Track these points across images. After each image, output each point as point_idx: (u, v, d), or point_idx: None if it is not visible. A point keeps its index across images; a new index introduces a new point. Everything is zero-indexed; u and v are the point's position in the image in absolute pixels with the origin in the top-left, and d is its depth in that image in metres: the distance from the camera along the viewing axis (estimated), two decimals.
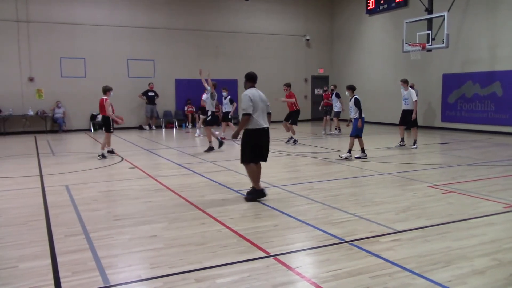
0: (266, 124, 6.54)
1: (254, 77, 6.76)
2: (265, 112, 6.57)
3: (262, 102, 6.52)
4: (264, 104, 6.54)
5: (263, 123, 6.48)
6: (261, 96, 6.57)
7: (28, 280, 3.81)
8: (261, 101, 6.50)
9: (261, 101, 6.50)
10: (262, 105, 6.49)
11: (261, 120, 6.46)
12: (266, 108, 6.61)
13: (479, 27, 15.99)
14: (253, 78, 6.75)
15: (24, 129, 17.65)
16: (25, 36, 17.45)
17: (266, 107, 6.62)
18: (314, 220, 5.45)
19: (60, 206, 6.31)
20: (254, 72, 6.84)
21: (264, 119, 6.51)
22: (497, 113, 15.63)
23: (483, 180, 7.91)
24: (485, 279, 3.75)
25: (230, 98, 15.07)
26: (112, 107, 11.05)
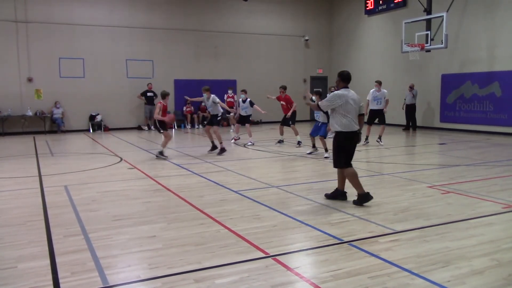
0: (357, 126, 6.27)
1: (347, 77, 6.37)
2: (357, 114, 6.26)
3: (354, 103, 6.19)
4: (356, 106, 6.22)
5: (355, 126, 6.23)
6: (353, 98, 6.23)
7: (27, 280, 3.81)
8: (353, 102, 6.18)
9: (353, 102, 6.18)
10: (352, 107, 6.17)
11: (354, 122, 6.20)
12: (358, 110, 6.29)
13: (477, 27, 16.01)
14: (346, 78, 6.36)
15: (23, 129, 17.63)
16: (23, 37, 17.44)
17: (359, 109, 6.30)
18: (313, 221, 5.45)
19: (59, 206, 6.31)
20: (347, 71, 6.47)
21: (356, 122, 6.23)
22: (495, 114, 15.65)
23: (482, 180, 7.92)
24: (484, 279, 3.75)
25: (250, 101, 14.23)
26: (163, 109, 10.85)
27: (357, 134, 6.26)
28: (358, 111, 6.26)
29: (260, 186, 7.55)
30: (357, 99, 6.27)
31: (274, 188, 7.39)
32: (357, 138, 6.29)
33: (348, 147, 6.25)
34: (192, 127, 20.04)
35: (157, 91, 19.25)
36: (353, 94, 6.27)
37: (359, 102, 6.27)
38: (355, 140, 6.27)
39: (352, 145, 6.28)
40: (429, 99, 18.14)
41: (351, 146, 6.27)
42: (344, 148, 6.23)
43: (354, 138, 6.25)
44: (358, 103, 6.26)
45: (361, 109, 6.34)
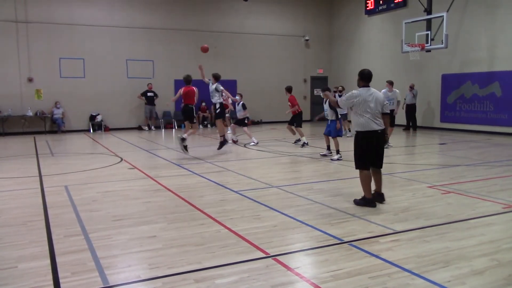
0: (379, 126, 6.01)
1: (367, 76, 6.15)
2: (379, 113, 6.03)
3: (375, 103, 5.97)
4: (378, 105, 6.00)
5: (375, 126, 5.97)
6: (374, 96, 6.01)
7: (28, 280, 3.81)
8: (374, 102, 5.96)
9: (374, 102, 5.96)
10: (373, 106, 5.95)
11: (372, 122, 5.96)
12: (381, 109, 6.06)
13: (478, 27, 16.01)
14: (365, 76, 6.14)
15: (23, 129, 17.64)
16: (24, 37, 17.45)
17: (382, 108, 6.07)
18: (313, 221, 5.45)
19: (59, 206, 6.31)
20: (368, 70, 6.21)
21: (376, 121, 5.98)
22: (496, 114, 15.65)
23: (482, 180, 7.92)
24: (484, 279, 3.75)
25: (243, 104, 14.19)
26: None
27: (377, 133, 6.00)
28: (381, 110, 6.04)
29: (261, 186, 7.55)
30: (380, 97, 6.05)
31: (275, 188, 7.39)
32: (378, 138, 6.02)
33: (365, 147, 6.06)
34: None
35: (157, 91, 19.30)
36: (374, 92, 6.06)
37: (382, 101, 6.07)
38: (375, 140, 6.01)
39: (371, 146, 6.04)
40: (430, 99, 18.14)
41: (369, 146, 6.04)
42: (361, 148, 6.08)
43: (374, 138, 6.00)
44: (382, 102, 6.05)
45: (385, 108, 6.12)
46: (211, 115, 20.48)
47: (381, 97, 6.08)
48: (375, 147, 6.05)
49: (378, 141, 6.04)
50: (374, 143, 6.03)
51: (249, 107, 18.75)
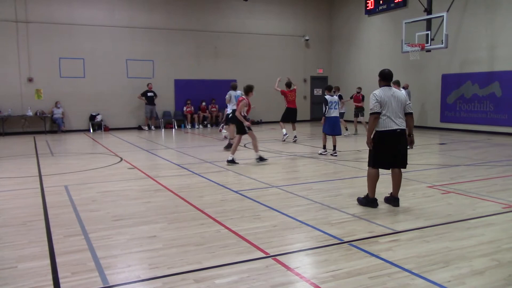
0: (399, 125, 5.89)
1: (387, 75, 6.08)
2: (400, 112, 5.93)
3: (397, 102, 5.89)
4: (399, 104, 5.91)
5: (394, 125, 5.87)
6: (395, 95, 5.94)
7: (27, 280, 3.81)
8: (394, 100, 5.89)
9: (395, 101, 5.89)
10: (394, 105, 5.88)
11: (391, 121, 5.86)
12: (403, 108, 5.97)
13: (478, 27, 16.01)
14: (386, 76, 6.07)
15: (23, 129, 17.64)
16: (24, 37, 17.45)
17: (405, 107, 5.97)
18: (313, 221, 5.45)
19: (59, 206, 6.31)
20: (388, 70, 6.13)
21: (396, 121, 5.88)
22: (496, 114, 15.65)
23: (482, 180, 7.92)
24: (484, 279, 3.75)
25: None
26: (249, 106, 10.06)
27: (396, 133, 5.87)
28: (402, 109, 5.93)
29: (260, 186, 7.55)
30: (402, 97, 5.97)
31: (274, 188, 7.39)
32: (397, 137, 5.89)
33: (381, 147, 5.96)
34: (192, 127, 20.04)
35: (157, 91, 19.30)
36: (395, 92, 5.97)
37: (405, 100, 5.97)
38: (394, 140, 5.89)
39: (388, 146, 5.92)
40: (429, 99, 18.13)
41: (385, 146, 5.93)
42: (377, 147, 5.98)
43: (392, 138, 5.88)
44: (403, 101, 5.95)
45: (408, 108, 5.98)
46: (211, 115, 20.49)
47: (402, 96, 5.99)
48: (394, 147, 5.93)
49: (399, 141, 5.92)
50: (393, 143, 5.92)
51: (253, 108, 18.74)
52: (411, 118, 6.06)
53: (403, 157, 6.02)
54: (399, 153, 5.98)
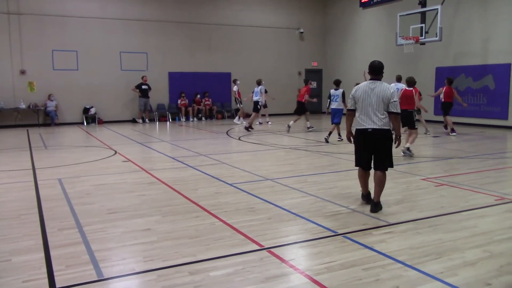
0: (370, 125, 5.39)
1: (373, 68, 5.53)
2: (379, 111, 5.36)
3: (377, 98, 5.35)
4: (380, 101, 5.34)
5: (367, 124, 5.42)
6: (376, 91, 5.38)
7: (22, 273, 3.80)
8: (374, 96, 5.36)
9: (375, 97, 5.36)
10: (374, 102, 5.36)
11: (364, 119, 5.44)
12: (387, 106, 5.37)
13: (472, 20, 16.04)
14: (372, 69, 5.54)
15: (16, 122, 17.51)
16: (16, 29, 17.26)
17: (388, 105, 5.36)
18: (308, 213, 5.47)
19: (53, 199, 6.29)
20: (377, 62, 5.56)
21: (373, 118, 5.37)
22: (489, 106, 15.73)
23: (475, 173, 7.97)
24: (476, 270, 3.79)
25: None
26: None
27: (368, 133, 5.42)
28: (385, 107, 5.36)
29: (255, 179, 7.56)
30: (385, 93, 5.33)
31: (269, 180, 7.40)
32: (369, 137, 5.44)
33: (357, 146, 5.65)
34: (187, 120, 19.98)
35: (151, 84, 19.20)
36: (377, 87, 5.40)
37: (388, 97, 5.33)
38: (366, 140, 5.48)
39: (363, 145, 5.55)
40: (423, 91, 18.11)
41: (360, 145, 5.59)
42: (355, 146, 5.71)
43: (364, 137, 5.50)
44: (386, 98, 5.33)
45: (392, 106, 5.35)
46: (205, 108, 20.44)
47: (386, 93, 5.34)
48: (370, 147, 5.51)
49: (373, 142, 5.45)
50: (367, 143, 5.50)
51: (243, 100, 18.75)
52: (394, 119, 5.46)
53: (381, 159, 5.51)
54: (376, 153, 5.52)
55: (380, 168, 5.54)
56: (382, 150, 5.48)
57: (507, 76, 15.08)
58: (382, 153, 5.50)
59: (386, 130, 5.42)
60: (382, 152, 5.49)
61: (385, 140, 5.46)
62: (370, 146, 5.50)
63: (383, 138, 5.43)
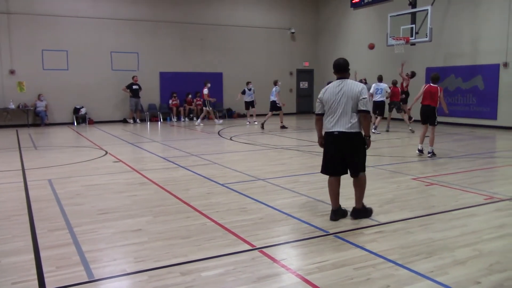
0: (338, 127, 4.97)
1: (339, 66, 5.10)
2: (348, 112, 4.94)
3: (346, 99, 4.94)
4: (349, 101, 4.93)
5: (334, 127, 5.01)
6: (344, 90, 4.96)
7: (11, 275, 3.77)
8: (343, 97, 4.95)
9: (343, 97, 4.94)
10: (343, 102, 4.94)
11: (331, 122, 5.03)
12: (350, 106, 4.93)
13: (461, 21, 16.18)
14: (336, 67, 5.11)
15: (5, 122, 17.33)
16: (5, 28, 17.09)
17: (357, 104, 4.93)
18: (299, 213, 5.48)
19: (43, 200, 6.24)
20: (341, 60, 5.12)
21: (341, 121, 4.96)
22: (478, 107, 15.88)
23: (465, 172, 8.04)
24: (466, 269, 3.82)
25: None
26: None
27: (335, 136, 5.02)
28: (354, 107, 4.95)
29: (247, 179, 7.56)
30: (353, 92, 4.94)
31: (261, 180, 7.40)
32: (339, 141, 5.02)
33: (326, 150, 5.24)
34: (178, 120, 19.92)
35: (143, 84, 19.11)
36: (345, 86, 5.00)
37: (356, 95, 4.93)
38: (335, 144, 5.07)
39: (332, 149, 5.13)
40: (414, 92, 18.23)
41: (329, 149, 5.18)
42: (325, 150, 5.28)
43: (332, 141, 5.09)
44: (355, 97, 4.93)
45: (361, 103, 4.93)
46: (196, 108, 20.39)
47: (354, 91, 4.93)
48: (339, 152, 5.09)
49: (342, 145, 5.04)
50: (335, 146, 5.09)
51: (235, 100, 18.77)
52: (363, 117, 4.99)
53: (352, 164, 5.13)
54: (347, 159, 5.11)
55: (354, 174, 5.19)
56: (352, 155, 5.09)
57: (496, 76, 15.23)
58: (352, 158, 5.10)
59: (355, 134, 5.01)
60: (352, 157, 5.10)
61: (355, 144, 5.06)
62: (339, 150, 5.09)
63: (352, 142, 5.03)
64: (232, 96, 20.24)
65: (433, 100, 9.53)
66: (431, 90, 9.52)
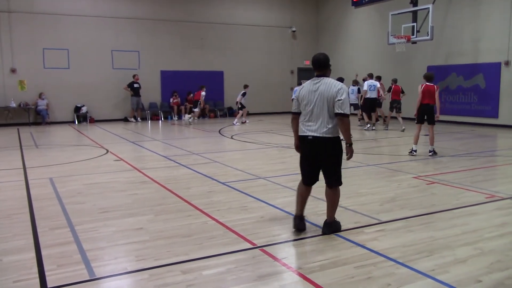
0: (312, 131, 4.49)
1: (318, 62, 4.58)
2: (323, 114, 4.45)
3: (321, 99, 4.43)
4: (325, 102, 4.42)
5: (307, 130, 4.54)
6: (320, 90, 4.46)
7: (13, 273, 3.77)
8: (319, 97, 4.45)
9: (319, 98, 4.44)
10: (319, 103, 4.44)
11: (305, 124, 4.57)
12: (326, 108, 4.43)
13: (463, 19, 16.15)
14: (317, 63, 4.59)
15: (6, 121, 17.35)
16: (6, 27, 17.10)
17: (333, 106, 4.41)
18: None
19: (44, 199, 6.25)
20: (321, 55, 4.64)
21: (314, 124, 4.49)
22: (480, 105, 15.86)
23: (466, 171, 8.03)
24: (467, 267, 3.82)
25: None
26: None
27: (308, 141, 4.55)
28: (327, 109, 4.43)
29: (248, 177, 7.56)
30: (329, 92, 4.42)
31: (262, 179, 7.40)
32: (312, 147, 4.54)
33: (300, 155, 4.83)
34: (179, 119, 19.92)
35: (143, 83, 19.11)
36: (322, 85, 4.49)
37: (332, 96, 4.40)
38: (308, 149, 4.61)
39: (305, 155, 4.71)
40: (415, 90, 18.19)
41: (302, 155, 4.77)
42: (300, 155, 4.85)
43: (305, 146, 4.64)
44: (330, 98, 4.41)
45: (337, 106, 4.38)
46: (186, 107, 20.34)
47: (331, 91, 4.41)
48: (312, 158, 4.63)
49: (314, 151, 4.56)
50: (308, 152, 4.64)
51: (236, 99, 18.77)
52: (340, 122, 4.41)
53: (326, 173, 4.63)
54: (321, 166, 4.64)
55: (328, 184, 4.68)
56: (327, 163, 4.57)
57: (497, 75, 15.21)
58: (327, 167, 4.60)
59: (330, 139, 4.47)
60: (327, 165, 4.58)
61: (331, 151, 4.52)
62: (312, 157, 4.61)
63: (327, 148, 4.50)
64: (232, 95, 20.22)
65: (432, 99, 9.60)
66: (430, 89, 9.59)
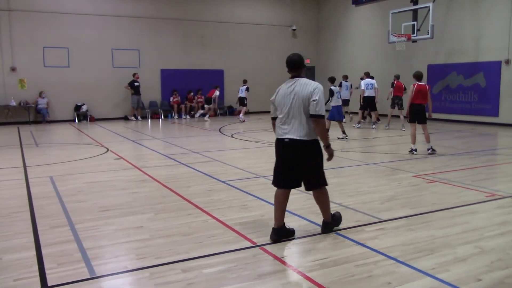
0: (289, 134, 4.32)
1: (292, 63, 4.44)
2: (299, 115, 4.28)
3: (297, 100, 4.27)
4: (300, 103, 4.26)
5: (283, 132, 4.38)
6: (295, 91, 4.30)
7: (13, 272, 3.77)
8: (294, 98, 4.28)
9: (295, 99, 4.28)
10: (294, 104, 4.28)
11: (281, 127, 4.40)
12: (302, 109, 4.27)
13: (463, 18, 16.14)
14: (291, 64, 4.44)
15: (6, 120, 17.33)
16: (6, 25, 17.08)
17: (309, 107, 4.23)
18: (300, 210, 5.48)
19: (44, 197, 6.25)
20: (295, 55, 4.49)
21: (291, 127, 4.32)
22: (480, 104, 15.85)
23: (466, 169, 8.03)
24: (468, 266, 3.82)
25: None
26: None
27: (284, 144, 4.37)
28: (303, 110, 4.27)
29: (248, 176, 7.56)
30: (304, 92, 4.26)
31: (262, 178, 7.40)
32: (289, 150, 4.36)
33: (276, 159, 4.56)
34: (179, 117, 19.92)
35: (144, 81, 19.10)
36: (297, 86, 4.33)
37: (307, 96, 4.24)
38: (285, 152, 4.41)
39: (281, 158, 4.47)
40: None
41: (279, 158, 4.52)
42: (276, 159, 4.59)
43: (281, 150, 4.45)
44: (305, 98, 4.25)
45: (312, 106, 4.21)
46: (197, 105, 20.38)
47: (306, 91, 4.25)
48: (290, 162, 4.41)
49: (292, 154, 4.36)
50: (285, 155, 4.42)
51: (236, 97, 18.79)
52: (315, 123, 4.25)
53: (308, 177, 4.47)
54: (300, 171, 4.43)
55: (311, 188, 4.56)
56: (307, 166, 4.40)
57: (498, 73, 15.20)
58: (307, 171, 4.43)
59: (309, 142, 4.33)
60: (307, 169, 4.42)
61: (310, 154, 4.37)
62: (289, 160, 4.40)
63: (305, 151, 4.34)
64: (233, 93, 20.23)
65: (424, 99, 9.62)
66: (422, 89, 9.59)
